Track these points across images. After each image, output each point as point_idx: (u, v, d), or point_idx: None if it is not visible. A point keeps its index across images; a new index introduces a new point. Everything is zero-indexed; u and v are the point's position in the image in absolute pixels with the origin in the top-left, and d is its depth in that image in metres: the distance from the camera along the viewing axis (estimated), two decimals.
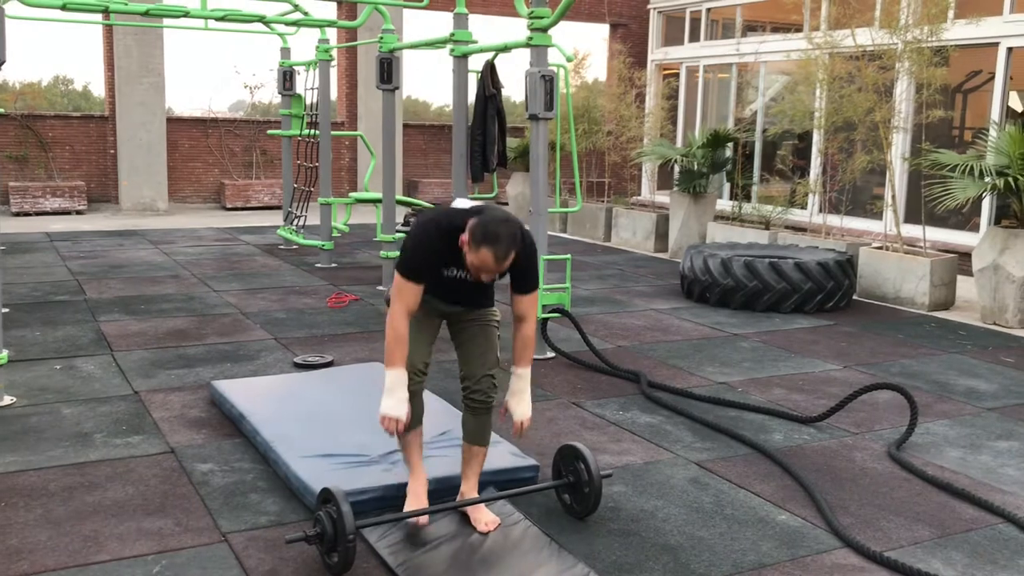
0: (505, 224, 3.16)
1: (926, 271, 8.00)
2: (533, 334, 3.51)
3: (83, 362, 5.77)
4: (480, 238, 3.12)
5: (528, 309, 3.45)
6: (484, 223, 3.14)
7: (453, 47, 7.00)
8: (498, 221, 3.15)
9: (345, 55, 15.68)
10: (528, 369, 3.50)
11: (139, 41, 13.70)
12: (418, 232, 3.31)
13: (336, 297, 7.90)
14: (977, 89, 11.22)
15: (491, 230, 3.12)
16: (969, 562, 3.44)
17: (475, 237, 3.13)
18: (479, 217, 3.18)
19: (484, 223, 3.14)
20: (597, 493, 3.60)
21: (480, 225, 3.14)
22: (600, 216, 12.20)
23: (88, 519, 3.58)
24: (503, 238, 3.13)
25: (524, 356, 3.49)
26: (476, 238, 3.13)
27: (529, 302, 3.44)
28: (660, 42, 14.70)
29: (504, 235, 3.13)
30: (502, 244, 3.13)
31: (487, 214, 3.19)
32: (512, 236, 3.16)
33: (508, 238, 3.15)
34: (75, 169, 14.34)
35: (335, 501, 3.14)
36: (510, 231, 3.16)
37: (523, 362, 3.49)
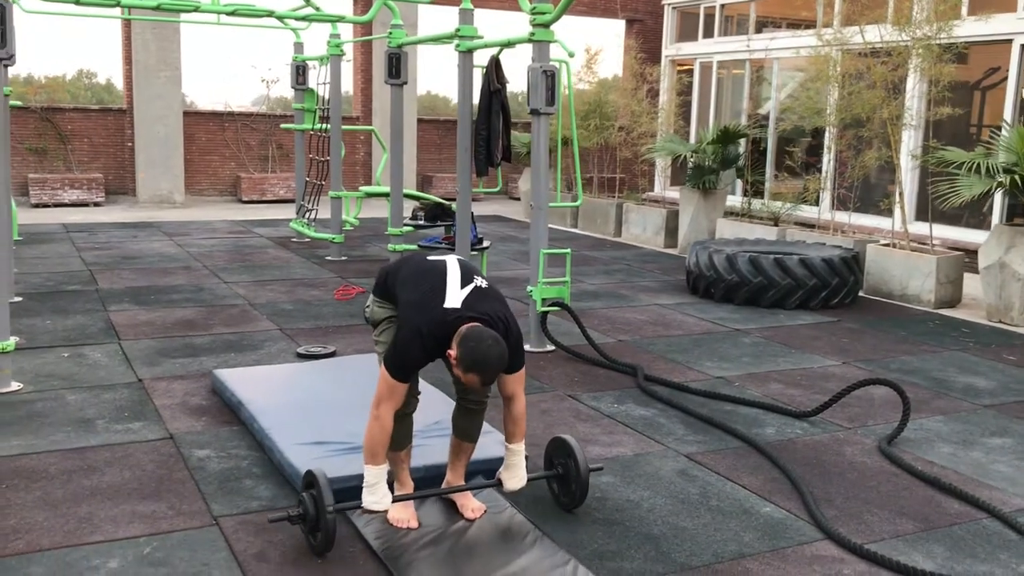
0: (494, 347, 3.13)
1: (932, 268, 7.99)
2: (523, 411, 3.50)
3: (91, 350, 5.88)
4: (470, 364, 3.13)
5: (516, 387, 3.45)
6: (474, 351, 3.11)
7: (458, 42, 7.06)
8: (487, 347, 3.12)
9: (360, 50, 15.78)
10: (521, 445, 3.52)
11: (156, 35, 13.85)
12: (410, 339, 3.24)
13: (343, 289, 7.99)
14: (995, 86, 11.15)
15: (480, 358, 3.12)
16: (949, 555, 3.47)
17: (464, 362, 3.14)
18: (468, 340, 3.14)
19: (474, 351, 3.11)
20: (584, 486, 3.65)
21: (469, 352, 3.12)
22: (610, 211, 12.23)
23: (84, 501, 3.67)
24: (492, 364, 3.14)
25: (516, 432, 3.50)
26: (465, 364, 3.14)
27: (516, 380, 3.42)
28: (674, 38, 14.68)
29: (493, 360, 3.13)
30: (491, 371, 3.15)
31: (474, 337, 3.14)
32: (500, 358, 3.15)
33: (497, 362, 3.15)
34: (93, 161, 14.53)
35: (317, 483, 3.22)
36: (498, 354, 3.15)
37: (515, 438, 3.51)
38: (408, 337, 3.26)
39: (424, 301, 3.30)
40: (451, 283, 3.33)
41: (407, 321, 3.31)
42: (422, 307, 3.29)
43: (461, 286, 3.33)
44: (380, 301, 3.61)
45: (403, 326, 3.31)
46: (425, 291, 3.33)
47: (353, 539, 3.44)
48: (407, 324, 3.29)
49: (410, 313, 3.32)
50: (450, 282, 3.34)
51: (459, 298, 3.29)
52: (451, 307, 3.26)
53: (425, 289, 3.34)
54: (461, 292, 3.31)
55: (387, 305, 3.57)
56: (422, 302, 3.30)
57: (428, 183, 16.13)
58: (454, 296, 3.29)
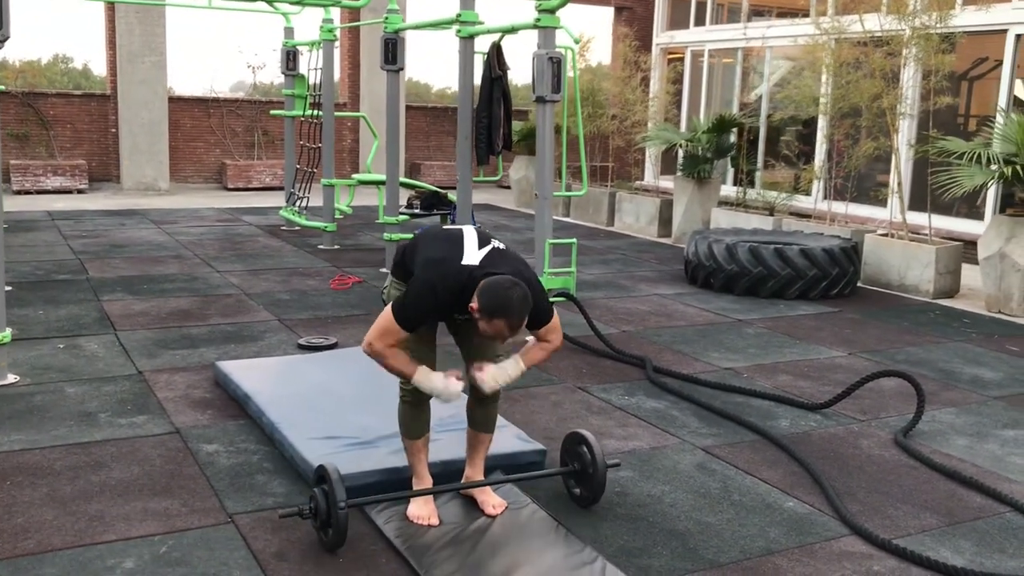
0: (514, 289, 3.07)
1: (931, 259, 7.98)
2: (553, 349, 3.44)
3: (86, 341, 5.75)
4: (493, 309, 3.06)
5: (551, 335, 3.39)
6: (494, 294, 3.06)
7: (459, 28, 6.94)
8: (506, 288, 3.07)
9: (348, 35, 15.60)
10: (526, 366, 3.38)
11: (141, 19, 13.61)
12: (424, 288, 3.19)
13: (339, 279, 7.87)
14: (982, 77, 11.16)
15: (502, 301, 3.05)
16: (977, 550, 3.44)
17: (486, 309, 3.06)
18: (486, 286, 3.08)
19: (494, 294, 3.06)
20: (602, 482, 3.58)
21: (490, 296, 3.06)
22: (603, 201, 12.17)
23: (94, 499, 3.57)
24: (515, 306, 3.06)
25: (533, 355, 3.42)
26: (488, 309, 3.06)
27: (549, 330, 3.37)
28: (665, 26, 14.61)
29: (516, 302, 3.06)
30: (515, 313, 3.07)
31: (493, 283, 3.09)
32: (523, 299, 3.08)
33: (520, 304, 3.07)
34: (76, 148, 14.29)
35: (329, 478, 3.14)
36: (521, 295, 3.08)
37: (529, 358, 3.40)
38: (421, 287, 3.21)
39: (441, 259, 3.26)
40: (468, 244, 3.30)
41: (423, 274, 3.24)
42: (439, 263, 3.24)
43: (479, 247, 3.29)
44: (398, 282, 3.50)
45: (419, 279, 3.24)
46: (443, 252, 3.29)
47: (373, 537, 3.36)
48: (423, 276, 3.23)
49: (426, 269, 3.25)
50: (467, 244, 3.30)
51: (477, 257, 3.25)
52: (469, 263, 3.22)
53: (443, 250, 3.30)
54: (479, 252, 3.27)
55: (404, 286, 3.47)
56: (439, 260, 3.26)
57: (416, 171, 16.00)
58: (472, 255, 3.25)
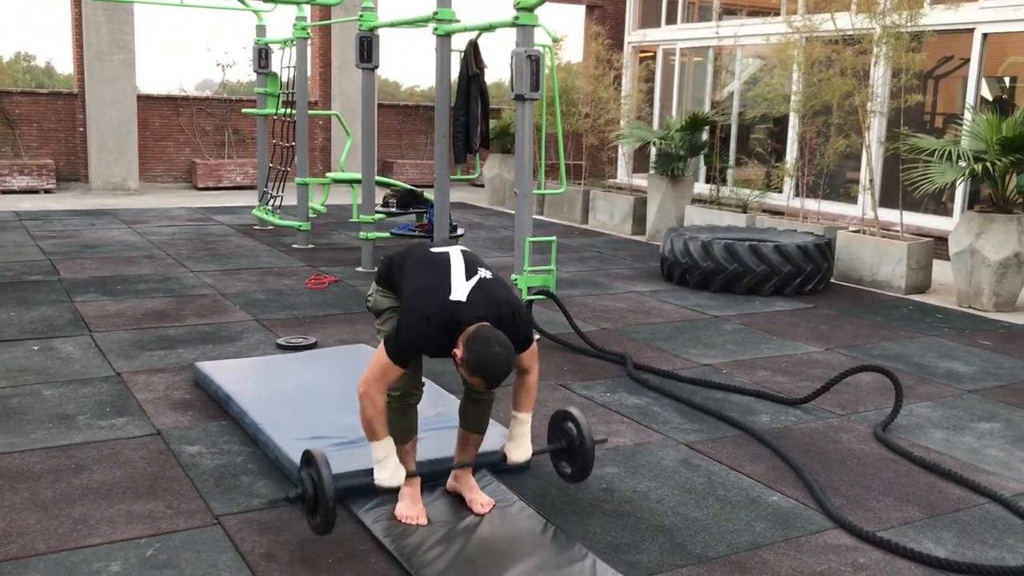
0: (500, 353, 3.04)
1: (903, 255, 8.08)
2: (535, 383, 3.44)
3: (61, 343, 5.67)
4: (475, 367, 3.05)
5: (530, 362, 3.39)
6: (479, 354, 3.03)
7: (436, 26, 6.93)
8: (494, 352, 3.03)
9: (319, 33, 15.50)
10: (529, 415, 3.45)
11: (109, 17, 13.43)
12: (415, 326, 3.16)
13: (315, 278, 7.83)
14: (948, 75, 11.32)
15: (486, 364, 3.03)
16: (959, 541, 3.49)
17: (469, 364, 3.05)
18: (474, 343, 3.05)
19: (479, 354, 3.03)
20: (590, 456, 3.54)
21: (475, 355, 3.03)
22: (577, 199, 12.19)
23: (77, 502, 3.52)
24: (497, 371, 3.05)
25: (526, 402, 3.44)
26: (470, 365, 3.05)
27: (529, 356, 3.36)
28: (637, 24, 14.67)
29: (499, 367, 3.05)
30: (496, 376, 3.07)
31: (481, 340, 3.05)
32: (507, 363, 3.07)
33: (502, 368, 3.06)
34: (43, 147, 14.07)
35: (315, 461, 3.13)
36: (504, 359, 3.05)
37: (524, 408, 3.44)
38: (414, 324, 3.18)
39: (429, 292, 3.22)
40: (456, 275, 3.26)
41: (413, 309, 3.22)
42: (428, 298, 3.21)
43: (466, 278, 3.26)
44: (383, 290, 3.52)
45: (409, 313, 3.22)
46: (430, 282, 3.25)
47: (362, 536, 3.35)
48: (413, 312, 3.21)
49: (416, 302, 3.23)
50: (455, 274, 3.26)
51: (464, 291, 3.21)
52: (456, 300, 3.18)
53: (430, 280, 3.26)
54: (466, 284, 3.23)
55: (390, 295, 3.49)
56: (427, 293, 3.22)
57: (389, 169, 15.93)
58: (459, 288, 3.21)
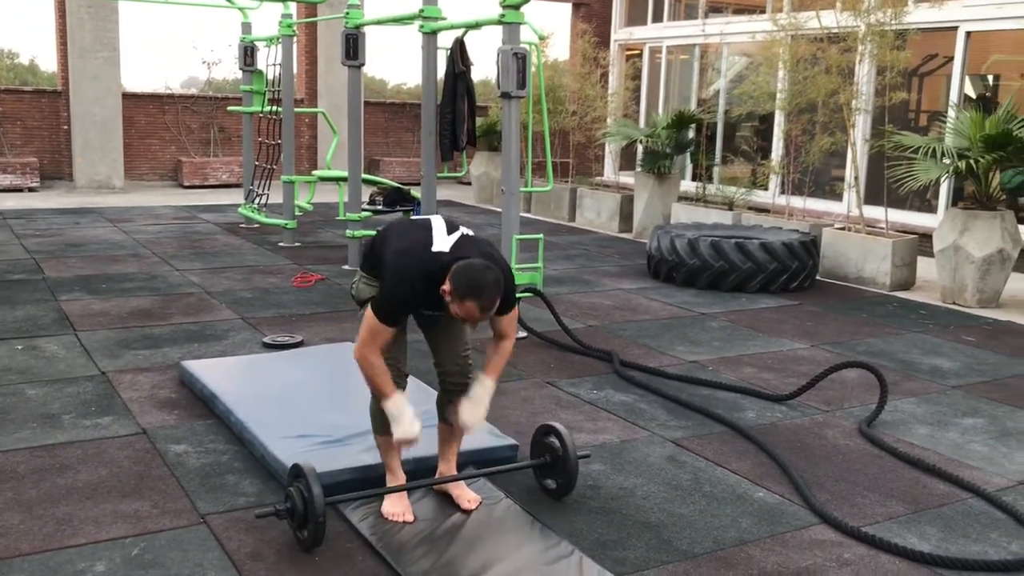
0: (487, 272, 3.08)
1: (888, 251, 8.12)
2: (510, 349, 3.46)
3: (46, 342, 5.64)
4: (465, 291, 3.06)
5: (508, 327, 3.42)
6: (467, 275, 3.06)
7: (422, 23, 6.92)
8: (480, 271, 3.07)
9: (305, 31, 15.45)
10: (494, 381, 3.43)
11: (93, 14, 13.35)
12: (398, 279, 3.20)
13: (302, 276, 7.81)
14: (932, 73, 11.38)
15: (475, 283, 3.05)
16: (943, 536, 3.51)
17: (459, 290, 3.06)
18: (460, 268, 3.08)
19: (467, 275, 3.06)
20: (574, 473, 3.59)
21: (463, 278, 3.06)
22: (564, 196, 12.20)
23: (61, 502, 3.50)
24: (488, 289, 3.07)
25: (496, 366, 3.44)
26: (460, 291, 3.06)
27: (509, 321, 3.40)
28: (623, 22, 14.68)
29: (489, 284, 3.07)
30: (487, 295, 3.07)
31: (466, 265, 3.09)
32: (496, 283, 3.09)
33: (492, 287, 3.08)
34: (27, 145, 13.98)
35: (304, 477, 3.12)
36: (494, 279, 3.09)
37: (493, 371, 3.43)
38: (397, 278, 3.22)
39: (411, 248, 3.27)
40: (437, 232, 3.31)
41: (395, 265, 3.25)
42: (410, 252, 3.25)
43: (447, 234, 3.31)
44: (367, 277, 3.49)
45: (391, 269, 3.25)
46: (413, 240, 3.30)
47: (349, 535, 3.35)
48: (396, 267, 3.24)
49: (398, 259, 3.26)
50: (436, 231, 3.31)
51: (447, 243, 3.26)
52: (439, 250, 3.23)
53: (413, 239, 3.31)
54: (448, 238, 3.28)
55: (373, 282, 3.45)
56: (410, 249, 3.27)
57: (375, 167, 15.90)
58: (442, 242, 3.26)
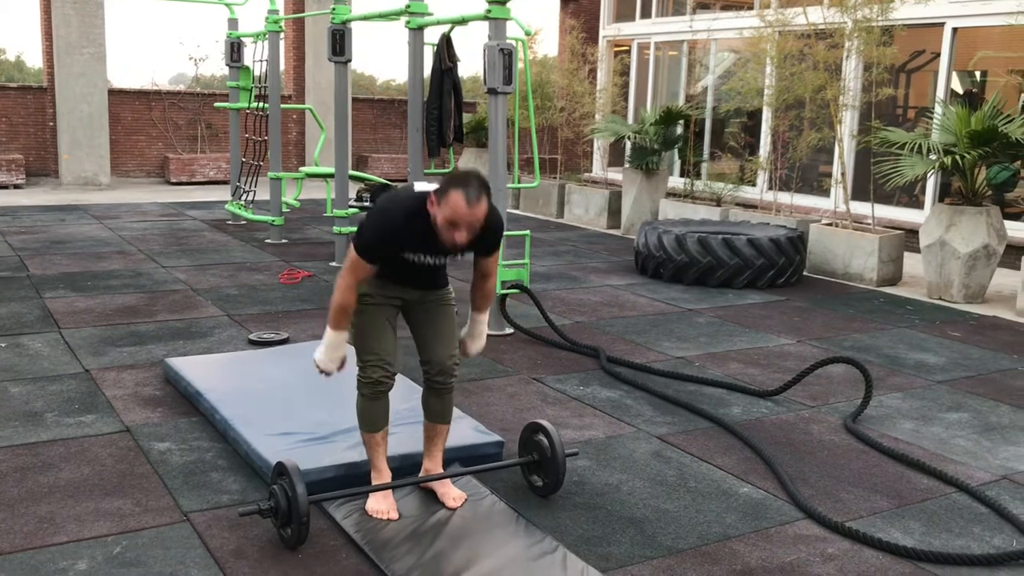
0: (472, 177, 3.17)
1: (874, 247, 8.14)
2: (494, 288, 3.64)
3: (30, 340, 5.61)
4: (448, 184, 3.13)
5: (492, 267, 3.56)
6: (451, 181, 3.15)
7: (408, 19, 6.89)
8: (464, 175, 3.17)
9: (292, 27, 15.40)
10: (487, 314, 3.63)
11: (78, 10, 13.27)
12: (381, 213, 3.27)
13: (289, 273, 7.78)
14: (919, 69, 11.40)
15: (459, 177, 3.14)
16: (926, 530, 3.52)
17: (443, 187, 3.14)
18: (445, 182, 3.18)
19: (451, 181, 3.15)
20: (561, 471, 3.60)
21: (448, 184, 3.15)
22: (553, 193, 12.20)
23: (43, 500, 3.48)
24: (472, 182, 3.14)
25: (484, 304, 3.61)
26: (444, 187, 3.14)
27: (493, 261, 3.54)
28: (612, 18, 14.67)
29: (472, 180, 3.14)
30: (472, 187, 3.12)
31: (450, 177, 3.20)
32: (480, 182, 3.16)
33: (476, 182, 3.15)
34: (12, 142, 13.90)
35: (288, 475, 3.11)
36: (477, 177, 3.17)
37: (483, 308, 3.61)
38: (378, 212, 3.29)
39: (395, 193, 3.36)
40: (421, 184, 3.38)
41: (378, 205, 3.32)
42: (391, 196, 3.34)
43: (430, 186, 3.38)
44: None
45: (374, 209, 3.32)
46: (396, 191, 3.40)
47: (332, 532, 3.34)
48: (378, 205, 3.32)
49: (381, 201, 3.34)
50: (419, 183, 3.39)
51: (430, 187, 3.32)
52: (423, 189, 3.29)
53: (396, 192, 3.39)
54: (431, 186, 3.34)
55: None
56: (391, 195, 3.36)
57: (364, 163, 15.87)
58: (424, 186, 3.33)
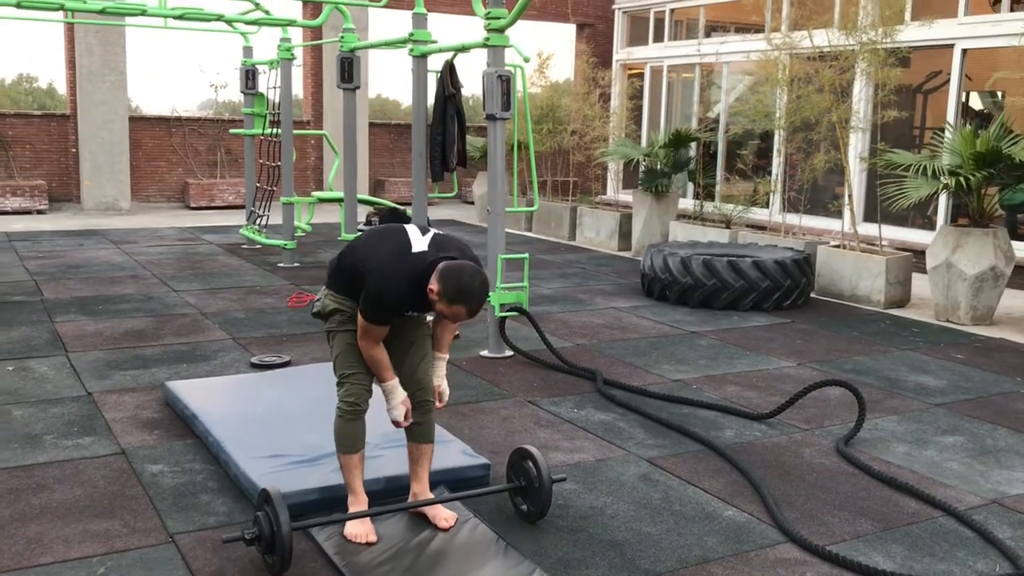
0: (476, 276, 3.18)
1: (881, 269, 8.12)
2: (456, 328, 3.69)
3: (37, 363, 5.72)
4: (454, 295, 3.16)
5: None
6: (457, 281, 3.16)
7: (412, 47, 7.00)
8: (469, 276, 3.17)
9: (310, 54, 15.62)
10: (447, 354, 3.67)
11: (101, 39, 13.56)
12: (386, 284, 3.27)
13: (297, 297, 7.88)
14: (937, 90, 11.38)
15: (466, 289, 3.16)
16: (908, 554, 3.51)
17: (448, 295, 3.16)
18: (449, 272, 3.17)
19: (457, 281, 3.16)
20: (548, 498, 3.62)
21: (453, 283, 3.16)
22: (565, 215, 12.26)
23: (33, 521, 3.56)
24: (476, 294, 3.18)
25: (445, 343, 3.64)
26: (449, 295, 3.16)
27: None
28: (625, 42, 14.77)
29: (477, 290, 3.18)
30: (476, 300, 3.18)
31: (455, 268, 3.19)
32: (483, 287, 3.20)
33: (480, 291, 3.19)
34: (36, 168, 14.19)
35: (272, 503, 3.15)
36: (481, 283, 3.19)
37: (445, 348, 3.65)
38: (384, 282, 3.28)
39: (391, 252, 3.33)
40: (412, 234, 3.39)
41: (381, 270, 3.30)
42: (391, 256, 3.31)
43: (421, 235, 3.40)
44: (333, 294, 3.51)
45: (378, 275, 3.30)
46: (390, 246, 3.36)
47: (314, 554, 3.38)
48: (382, 272, 3.29)
49: (380, 264, 3.31)
50: (411, 233, 3.40)
51: (424, 243, 3.35)
52: (420, 250, 3.31)
53: (389, 245, 3.37)
54: (423, 239, 3.37)
55: (340, 297, 3.48)
56: (390, 253, 3.33)
57: (381, 187, 16.03)
58: (419, 242, 3.35)
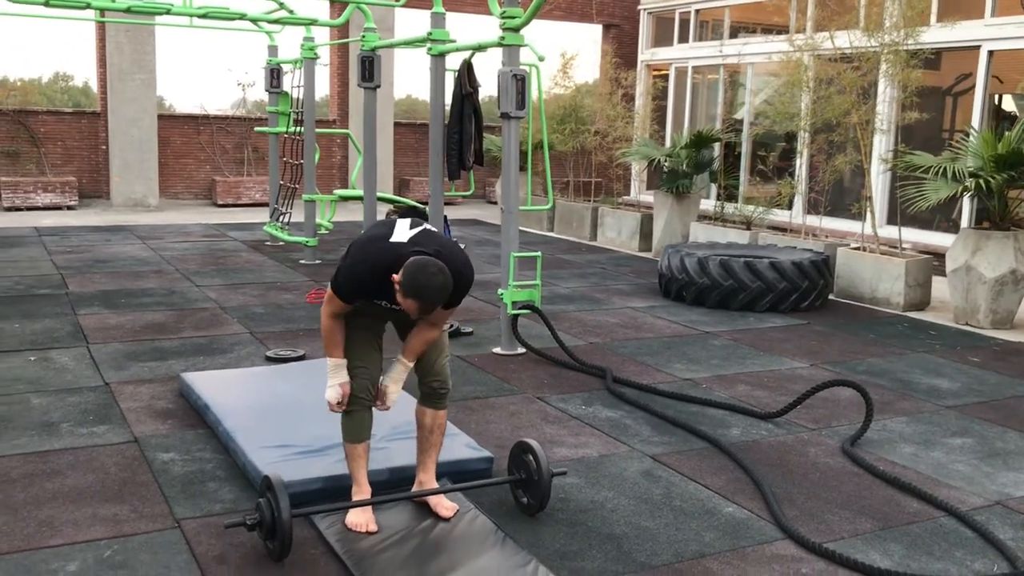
0: (437, 276, 3.18)
1: (901, 272, 8.07)
2: (433, 340, 3.57)
3: (58, 354, 5.85)
4: (408, 289, 3.18)
5: (440, 319, 3.51)
6: (414, 276, 3.17)
7: (431, 46, 7.07)
8: (430, 274, 3.17)
9: (337, 53, 15.76)
10: (410, 363, 3.57)
11: (131, 38, 13.78)
12: (351, 267, 3.38)
13: (316, 292, 7.97)
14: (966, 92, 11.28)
15: (420, 285, 3.16)
16: (906, 553, 3.51)
17: (404, 286, 3.19)
18: (412, 266, 3.19)
19: (414, 276, 3.17)
20: (547, 490, 3.66)
21: (410, 277, 3.17)
22: (586, 215, 12.28)
23: (45, 505, 3.65)
24: (431, 292, 3.18)
25: (413, 350, 3.55)
26: (405, 288, 3.19)
27: (443, 314, 3.48)
28: (650, 43, 14.76)
29: (434, 289, 3.18)
30: (428, 299, 3.18)
31: (419, 264, 3.19)
32: (442, 288, 3.20)
33: (437, 292, 3.19)
34: (67, 165, 14.43)
35: (273, 490, 3.22)
36: (440, 284, 3.19)
37: (411, 355, 3.56)
38: (352, 263, 3.40)
39: (371, 239, 3.44)
40: (399, 226, 3.45)
41: (354, 253, 3.43)
42: (369, 243, 3.42)
43: (409, 228, 3.43)
44: None
45: (351, 256, 3.43)
46: (373, 233, 3.48)
47: (315, 541, 3.45)
48: (354, 255, 3.42)
49: (356, 247, 3.45)
50: (398, 225, 3.46)
51: (406, 235, 3.39)
52: (397, 241, 3.36)
53: (374, 232, 3.48)
54: (409, 232, 3.41)
55: None
56: (370, 240, 3.44)
57: (406, 186, 16.13)
58: (401, 234, 3.40)
